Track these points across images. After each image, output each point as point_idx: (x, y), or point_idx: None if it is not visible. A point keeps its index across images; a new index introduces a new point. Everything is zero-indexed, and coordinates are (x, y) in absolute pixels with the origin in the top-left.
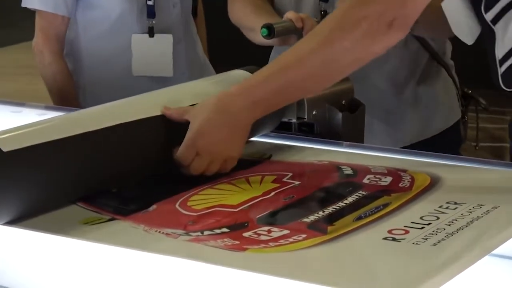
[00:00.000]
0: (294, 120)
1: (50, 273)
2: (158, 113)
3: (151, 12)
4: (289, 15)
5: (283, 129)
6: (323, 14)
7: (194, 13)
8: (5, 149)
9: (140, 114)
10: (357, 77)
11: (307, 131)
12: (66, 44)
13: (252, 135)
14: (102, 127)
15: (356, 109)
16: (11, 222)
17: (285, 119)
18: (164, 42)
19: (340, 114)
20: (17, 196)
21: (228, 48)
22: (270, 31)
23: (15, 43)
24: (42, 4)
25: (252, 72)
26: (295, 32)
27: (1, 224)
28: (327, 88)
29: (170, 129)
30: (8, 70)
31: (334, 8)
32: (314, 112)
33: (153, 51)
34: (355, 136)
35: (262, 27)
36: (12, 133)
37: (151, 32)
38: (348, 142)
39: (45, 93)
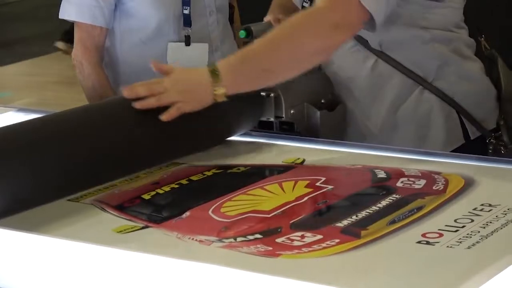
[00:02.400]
0: (272, 119)
1: (85, 282)
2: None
3: (187, 21)
4: (268, 17)
5: (264, 128)
6: None
7: (231, 19)
8: None
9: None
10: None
11: (288, 129)
12: (104, 54)
13: (230, 134)
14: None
15: (335, 107)
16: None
17: (264, 118)
18: (200, 51)
19: (318, 113)
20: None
21: None
22: (248, 32)
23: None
24: (80, 16)
25: None
26: None
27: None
28: (307, 87)
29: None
30: (48, 79)
31: None
32: (292, 111)
33: (189, 60)
34: (334, 134)
35: (241, 29)
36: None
37: (187, 41)
38: (382, 145)
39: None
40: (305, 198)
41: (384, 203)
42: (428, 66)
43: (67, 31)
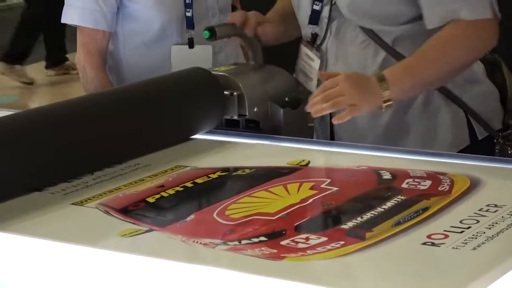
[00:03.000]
0: (235, 117)
1: (89, 286)
2: None
3: (190, 23)
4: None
5: (231, 126)
6: (313, 35)
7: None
8: None
9: None
10: None
11: (254, 127)
12: (108, 57)
13: (194, 132)
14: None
15: (298, 105)
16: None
17: (228, 116)
18: (204, 53)
19: (281, 111)
20: None
21: (269, 53)
22: (212, 33)
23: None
24: (82, 20)
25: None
26: (237, 34)
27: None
28: (271, 85)
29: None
30: (54, 83)
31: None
32: (255, 109)
33: (193, 62)
34: (297, 132)
35: (205, 29)
36: None
37: (191, 43)
38: (387, 146)
39: None
40: (310, 200)
41: (389, 204)
42: None
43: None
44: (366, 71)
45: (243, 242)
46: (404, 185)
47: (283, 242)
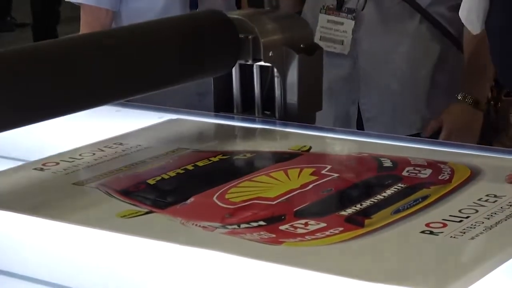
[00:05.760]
0: (250, 62)
1: (86, 267)
2: None
3: (193, 2)
4: None
5: (244, 73)
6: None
7: (238, 2)
8: None
9: None
10: (376, 60)
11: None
12: None
13: (207, 74)
14: None
15: (314, 52)
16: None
17: (242, 61)
18: None
19: (297, 56)
20: None
21: None
22: None
23: None
24: None
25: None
26: None
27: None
28: (286, 30)
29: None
30: None
31: None
32: (270, 54)
33: None
34: (311, 79)
35: None
36: None
37: None
38: (389, 134)
39: None
40: (310, 186)
41: (389, 192)
42: None
43: None
44: (403, 29)
45: (242, 226)
46: (404, 173)
47: (282, 227)
